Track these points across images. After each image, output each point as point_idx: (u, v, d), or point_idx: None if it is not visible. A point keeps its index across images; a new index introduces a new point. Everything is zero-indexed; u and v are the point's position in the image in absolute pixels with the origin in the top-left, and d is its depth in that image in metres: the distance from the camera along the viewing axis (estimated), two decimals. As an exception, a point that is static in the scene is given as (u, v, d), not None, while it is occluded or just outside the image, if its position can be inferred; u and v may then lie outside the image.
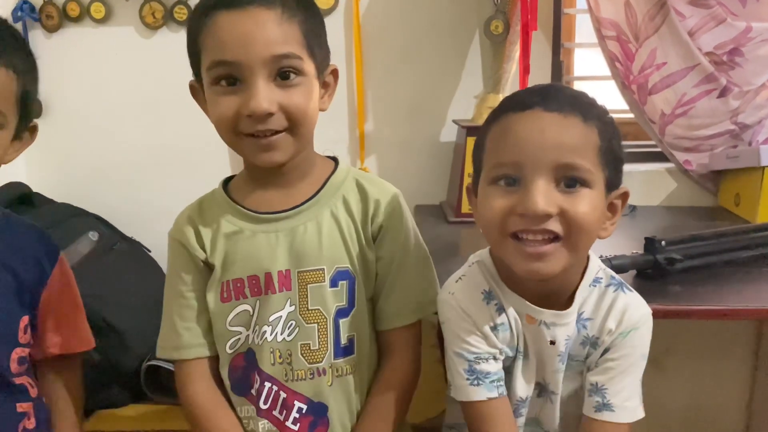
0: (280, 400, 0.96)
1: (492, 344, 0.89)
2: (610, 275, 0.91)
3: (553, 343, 0.88)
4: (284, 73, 0.88)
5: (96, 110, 1.74)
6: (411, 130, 1.72)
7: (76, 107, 1.74)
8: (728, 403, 1.73)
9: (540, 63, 1.60)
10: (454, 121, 1.66)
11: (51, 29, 1.69)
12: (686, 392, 1.72)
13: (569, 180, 0.79)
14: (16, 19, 1.63)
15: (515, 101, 0.83)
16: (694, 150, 1.64)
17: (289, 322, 0.95)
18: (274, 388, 0.96)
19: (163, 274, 1.03)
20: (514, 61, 1.53)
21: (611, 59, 1.58)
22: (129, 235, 1.63)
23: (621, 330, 0.87)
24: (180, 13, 1.65)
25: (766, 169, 1.46)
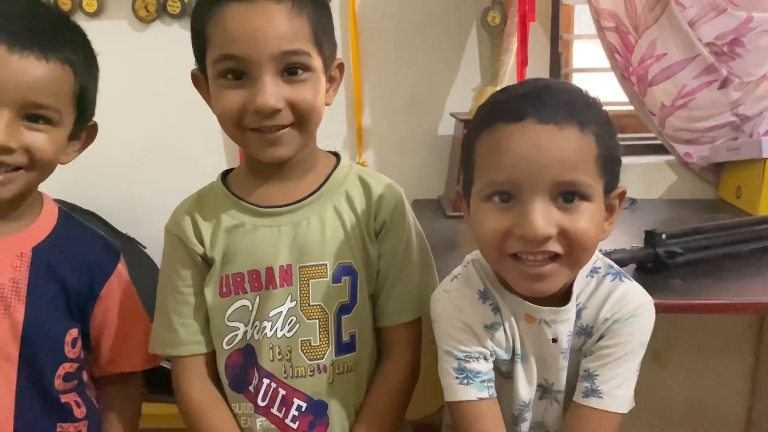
0: (279, 397, 0.95)
1: (483, 344, 0.87)
2: (608, 264, 0.89)
3: (556, 341, 0.86)
4: (292, 69, 0.87)
5: (89, 105, 1.72)
6: (408, 124, 1.70)
7: (70, 102, 1.72)
8: (729, 398, 1.72)
9: (538, 55, 1.59)
10: (452, 115, 1.64)
11: (43, 23, 1.67)
12: (687, 386, 1.71)
13: (568, 195, 0.77)
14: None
15: (506, 109, 0.79)
16: (695, 142, 1.63)
17: (290, 318, 0.93)
18: (273, 385, 0.95)
19: (158, 271, 1.01)
20: (512, 53, 1.51)
21: (610, 51, 1.56)
22: (124, 232, 1.61)
23: (617, 317, 0.84)
24: (173, 6, 1.63)
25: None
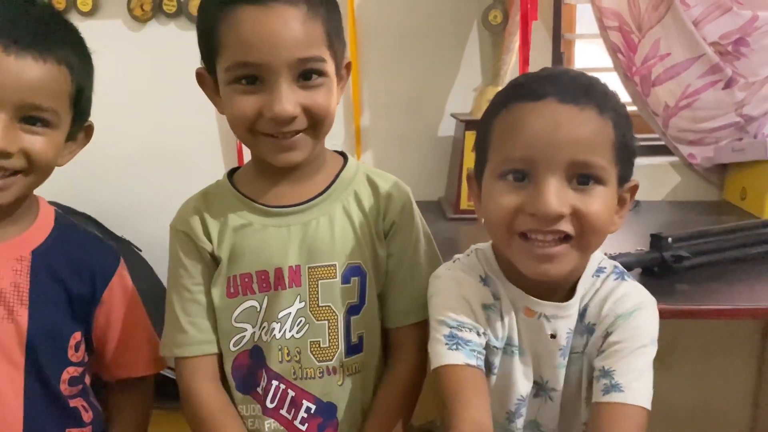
0: (288, 399, 0.94)
1: (478, 320, 0.85)
2: (614, 265, 0.88)
3: (554, 337, 0.85)
4: (307, 74, 0.86)
5: (84, 106, 1.70)
6: (408, 124, 1.69)
7: (64, 103, 1.70)
8: (734, 402, 1.72)
9: (540, 54, 1.57)
10: (453, 115, 1.63)
11: (37, 23, 1.65)
12: (692, 390, 1.71)
13: (582, 177, 0.76)
14: (2, 13, 1.60)
15: (526, 88, 0.79)
16: (699, 143, 1.62)
17: (299, 319, 0.92)
18: (282, 387, 0.94)
19: (154, 274, 1.00)
20: (514, 53, 1.51)
21: (613, 50, 1.56)
22: (119, 235, 1.59)
23: (620, 312, 0.83)
24: (169, 6, 1.61)
25: (773, 162, 1.45)
